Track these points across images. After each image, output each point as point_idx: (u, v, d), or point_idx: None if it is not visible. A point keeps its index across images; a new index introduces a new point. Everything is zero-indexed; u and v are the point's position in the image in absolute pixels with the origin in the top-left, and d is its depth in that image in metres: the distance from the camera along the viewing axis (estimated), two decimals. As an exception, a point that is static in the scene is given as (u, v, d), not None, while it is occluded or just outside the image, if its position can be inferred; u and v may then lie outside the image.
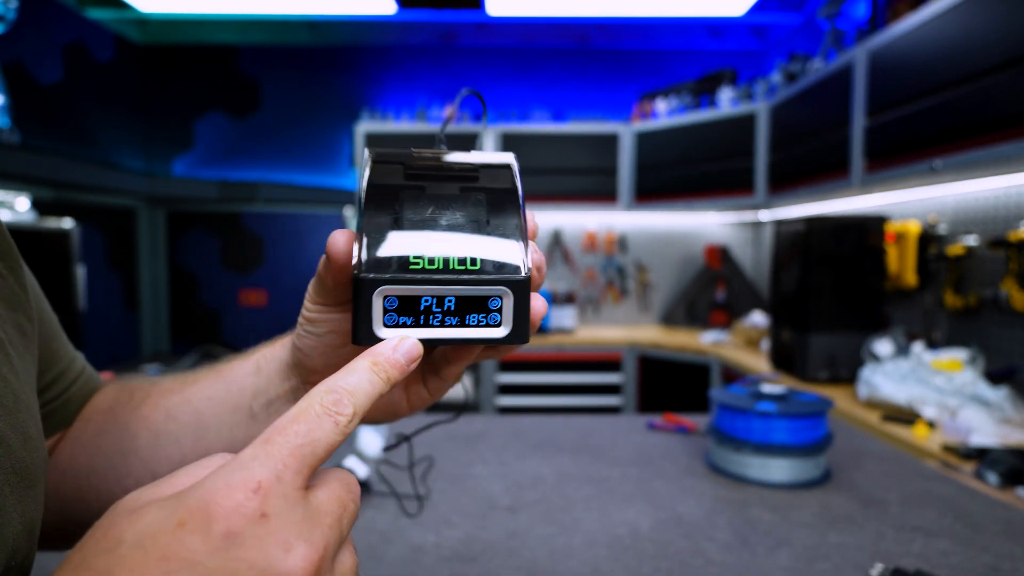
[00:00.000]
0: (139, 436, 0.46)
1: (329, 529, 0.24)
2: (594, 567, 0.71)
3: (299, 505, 0.24)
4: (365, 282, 0.30)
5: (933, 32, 1.72)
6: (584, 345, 3.18)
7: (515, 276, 0.31)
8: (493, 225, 0.33)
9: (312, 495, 0.25)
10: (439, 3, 3.16)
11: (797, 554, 0.73)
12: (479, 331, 0.32)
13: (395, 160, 0.35)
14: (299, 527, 0.23)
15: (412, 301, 0.31)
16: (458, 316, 0.31)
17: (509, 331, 0.32)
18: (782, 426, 0.96)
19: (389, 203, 0.33)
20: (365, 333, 0.31)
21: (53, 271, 2.34)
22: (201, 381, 0.46)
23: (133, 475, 0.46)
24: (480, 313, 0.32)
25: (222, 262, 3.80)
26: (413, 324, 0.31)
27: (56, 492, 0.47)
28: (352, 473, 0.28)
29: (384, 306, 0.31)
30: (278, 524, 0.22)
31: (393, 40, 3.75)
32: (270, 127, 3.80)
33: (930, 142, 1.73)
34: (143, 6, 3.08)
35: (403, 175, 0.34)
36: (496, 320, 0.32)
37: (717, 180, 3.07)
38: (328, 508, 0.25)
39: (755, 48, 3.83)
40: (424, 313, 0.31)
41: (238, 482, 0.23)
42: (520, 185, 0.35)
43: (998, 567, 0.70)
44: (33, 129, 2.79)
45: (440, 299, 0.31)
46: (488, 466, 1.04)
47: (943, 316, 2.06)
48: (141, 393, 0.48)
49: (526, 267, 0.32)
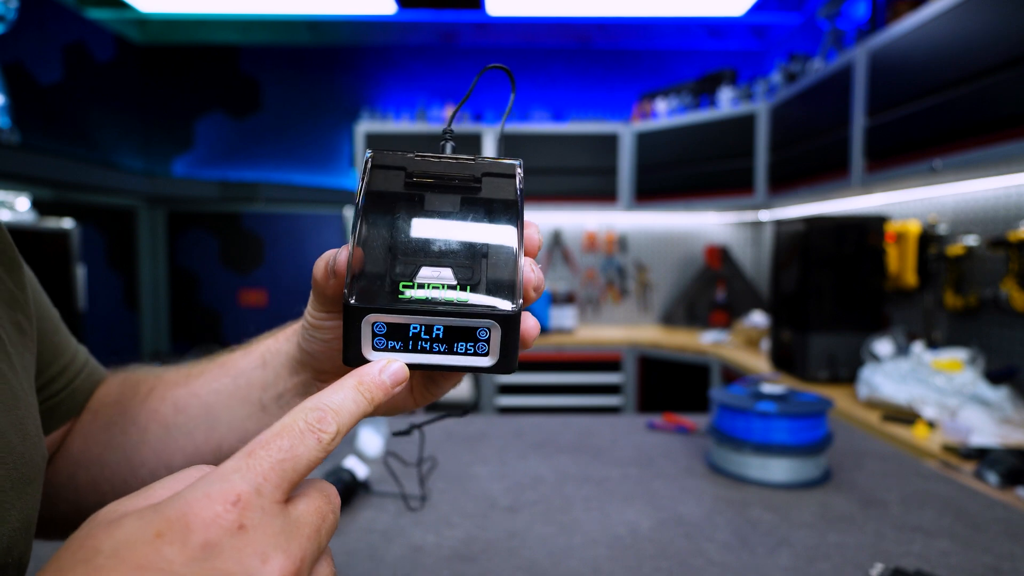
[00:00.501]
0: (149, 429, 0.47)
1: (307, 540, 0.25)
2: (594, 567, 0.71)
3: (278, 517, 0.24)
4: (354, 310, 0.31)
5: (933, 32, 1.72)
6: (584, 345, 3.18)
7: (504, 310, 0.31)
8: (490, 250, 0.33)
9: (292, 507, 0.25)
10: (439, 3, 3.16)
11: (797, 554, 0.73)
12: (466, 359, 0.32)
13: (395, 165, 0.34)
14: (276, 539, 0.23)
15: (401, 328, 0.31)
16: (446, 344, 0.32)
17: (495, 361, 0.32)
18: (782, 426, 0.96)
19: (385, 216, 0.33)
20: (354, 355, 0.32)
21: (53, 271, 2.34)
22: (206, 374, 0.47)
23: (147, 466, 0.46)
24: (468, 342, 0.32)
25: (222, 262, 3.80)
26: (402, 349, 0.32)
27: (71, 482, 0.48)
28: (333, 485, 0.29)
29: (373, 330, 0.31)
30: (256, 536, 0.23)
31: (393, 40, 3.75)
32: (270, 127, 3.80)
33: (930, 142, 1.73)
34: (143, 6, 3.08)
35: (403, 182, 0.34)
36: (484, 350, 0.32)
37: (717, 180, 3.07)
38: (307, 519, 0.25)
39: (755, 48, 3.83)
40: (413, 339, 0.32)
41: (217, 494, 0.23)
42: (522, 197, 0.34)
43: (998, 567, 0.70)
44: (33, 129, 2.79)
45: (428, 327, 0.32)
46: (488, 466, 1.04)
47: (943, 316, 2.06)
48: (146, 386, 0.49)
49: (516, 300, 0.32)
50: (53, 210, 2.78)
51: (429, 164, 0.35)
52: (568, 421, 1.33)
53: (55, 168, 2.51)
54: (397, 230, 0.32)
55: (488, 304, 0.31)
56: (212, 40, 3.73)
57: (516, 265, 0.32)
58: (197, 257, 3.79)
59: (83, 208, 3.11)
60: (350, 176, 3.82)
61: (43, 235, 2.29)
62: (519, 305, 0.32)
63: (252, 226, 3.80)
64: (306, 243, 3.81)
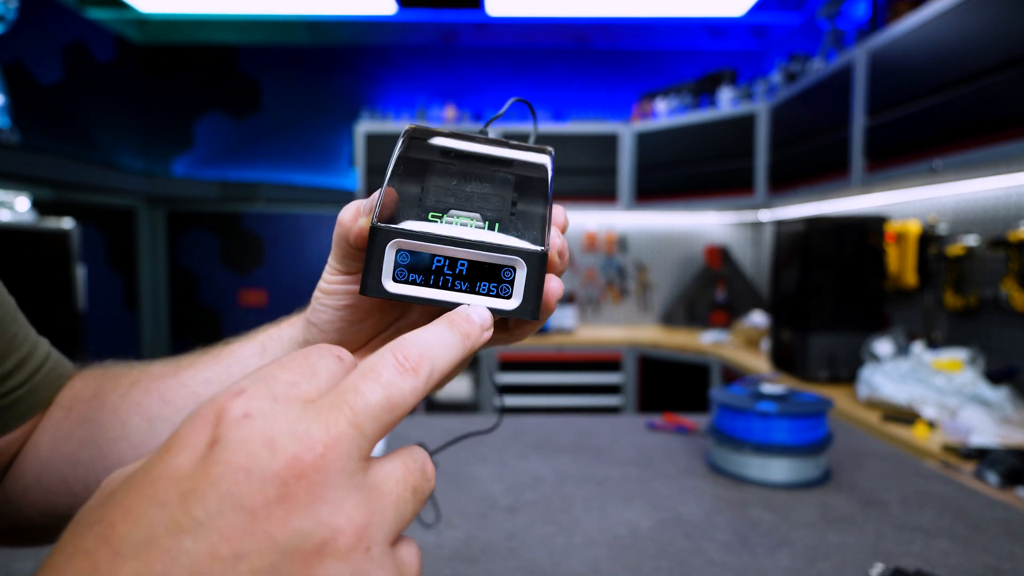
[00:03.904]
0: (129, 422, 0.44)
1: (336, 425, 0.21)
2: (594, 567, 0.71)
3: (292, 406, 0.21)
4: (381, 231, 0.30)
5: (933, 32, 1.72)
6: (584, 345, 3.18)
7: (531, 248, 0.31)
8: (518, 205, 0.33)
9: (324, 400, 0.22)
10: (439, 3, 3.16)
11: (797, 554, 0.73)
12: (488, 300, 0.31)
13: (431, 140, 0.35)
14: (291, 425, 0.20)
15: (425, 259, 0.31)
16: (468, 281, 0.31)
17: (519, 304, 0.31)
18: (782, 426, 0.96)
19: (417, 170, 0.33)
20: (374, 284, 0.31)
21: (53, 271, 2.34)
22: (197, 364, 0.45)
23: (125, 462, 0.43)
24: (491, 282, 0.31)
25: (222, 262, 3.80)
26: (423, 283, 0.31)
27: (38, 484, 0.45)
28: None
29: (396, 260, 0.31)
30: (263, 423, 0.20)
31: (393, 40, 3.75)
32: (270, 127, 3.80)
33: (930, 142, 1.73)
34: (143, 6, 3.08)
35: (438, 152, 0.34)
36: (507, 291, 0.31)
37: (717, 180, 3.07)
38: (336, 404, 0.22)
39: (755, 48, 3.83)
40: (436, 273, 0.31)
41: (223, 395, 0.21)
42: (552, 178, 0.35)
43: (998, 567, 0.70)
44: (33, 129, 2.79)
45: (453, 261, 0.31)
46: (488, 466, 1.04)
47: (943, 316, 2.06)
48: (128, 379, 0.46)
49: (545, 242, 0.31)
50: (53, 210, 2.78)
51: (465, 140, 0.35)
52: (568, 421, 1.33)
53: (55, 168, 2.51)
54: (429, 181, 0.32)
55: (516, 241, 0.31)
56: (212, 40, 3.73)
57: (545, 218, 0.32)
58: (197, 257, 3.80)
59: (83, 208, 3.11)
60: (350, 176, 3.82)
61: (43, 235, 2.29)
62: (547, 248, 0.31)
63: (252, 226, 3.80)
64: (306, 243, 3.81)
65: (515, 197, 0.33)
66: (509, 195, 0.33)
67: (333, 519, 0.20)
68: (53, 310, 2.35)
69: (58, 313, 2.36)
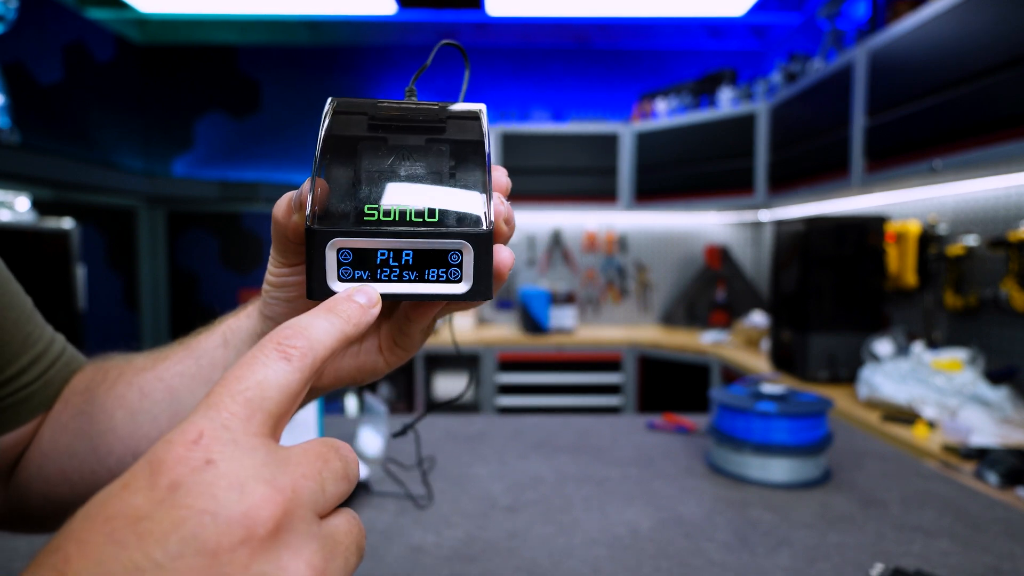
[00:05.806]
0: (115, 416, 0.45)
1: (302, 478, 0.22)
2: (594, 567, 0.71)
3: (257, 451, 0.22)
4: (318, 234, 0.29)
5: (933, 32, 1.72)
6: (584, 345, 3.18)
7: (475, 229, 0.30)
8: (456, 177, 0.31)
9: (279, 446, 0.23)
10: (439, 3, 3.16)
11: (797, 554, 0.73)
12: (438, 287, 0.31)
13: (358, 111, 0.33)
14: (258, 470, 0.21)
15: (367, 254, 0.30)
16: (416, 271, 0.30)
17: (470, 287, 0.31)
18: (782, 426, 0.96)
19: (347, 154, 0.31)
20: (319, 287, 0.30)
21: (53, 271, 2.34)
22: (171, 357, 0.45)
23: (114, 454, 0.45)
24: (439, 268, 0.31)
25: (222, 262, 3.80)
26: (369, 278, 0.30)
27: (40, 473, 0.46)
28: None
29: (338, 259, 0.30)
30: (228, 468, 0.21)
31: (393, 40, 3.75)
32: (270, 127, 3.80)
33: (930, 142, 1.73)
34: (143, 6, 3.08)
35: (366, 126, 0.33)
36: (456, 275, 0.31)
37: (717, 180, 3.07)
38: (300, 459, 0.23)
39: (755, 48, 3.83)
40: (381, 267, 0.30)
41: (178, 436, 0.21)
42: (488, 137, 0.33)
43: (998, 567, 0.70)
44: (33, 129, 2.79)
45: (397, 252, 0.30)
46: (488, 466, 1.04)
47: (943, 316, 2.06)
48: (115, 372, 0.47)
49: (488, 220, 0.30)
50: (53, 210, 2.78)
51: (392, 109, 0.34)
52: (568, 421, 1.33)
53: (55, 168, 2.51)
54: (361, 165, 0.31)
55: (458, 223, 0.30)
56: (212, 40, 3.73)
57: (485, 191, 0.31)
58: (197, 257, 3.80)
59: (83, 208, 3.11)
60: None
61: (43, 235, 2.29)
62: (491, 225, 0.30)
63: (252, 226, 3.80)
64: (306, 243, 3.80)
65: (452, 167, 0.32)
66: (446, 167, 0.32)
67: (293, 564, 0.21)
68: (53, 310, 2.34)
69: (58, 313, 2.36)
